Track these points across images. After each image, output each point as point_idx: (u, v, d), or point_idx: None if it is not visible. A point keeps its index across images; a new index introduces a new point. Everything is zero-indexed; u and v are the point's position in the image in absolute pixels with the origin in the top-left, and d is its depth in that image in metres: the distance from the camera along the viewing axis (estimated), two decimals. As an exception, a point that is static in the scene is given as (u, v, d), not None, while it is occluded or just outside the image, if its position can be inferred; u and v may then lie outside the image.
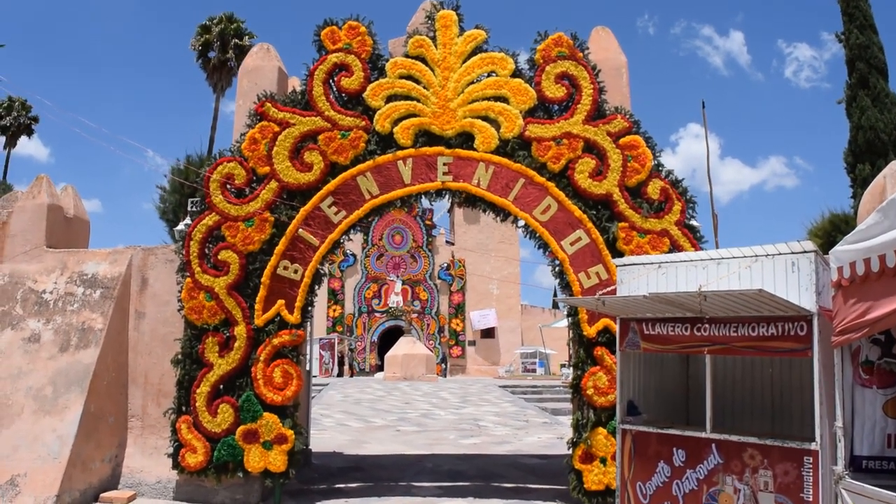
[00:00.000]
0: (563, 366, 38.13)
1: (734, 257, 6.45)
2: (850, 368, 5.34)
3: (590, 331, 8.24)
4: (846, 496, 4.97)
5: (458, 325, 39.93)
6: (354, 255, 39.44)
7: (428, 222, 40.69)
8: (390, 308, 39.27)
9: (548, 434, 14.82)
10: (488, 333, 40.37)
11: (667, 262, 6.88)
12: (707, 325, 6.37)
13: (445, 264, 40.38)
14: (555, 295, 70.12)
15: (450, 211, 43.24)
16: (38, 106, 38.16)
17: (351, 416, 18.05)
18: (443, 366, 38.03)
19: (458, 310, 40.02)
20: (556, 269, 8.58)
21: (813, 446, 5.69)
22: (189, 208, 9.34)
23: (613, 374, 8.06)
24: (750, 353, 6.38)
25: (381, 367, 36.10)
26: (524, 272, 43.35)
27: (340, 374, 35.86)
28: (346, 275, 39.45)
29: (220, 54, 36.55)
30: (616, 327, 7.49)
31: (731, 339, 6.25)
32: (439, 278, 40.24)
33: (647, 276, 6.96)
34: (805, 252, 6.03)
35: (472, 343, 40.23)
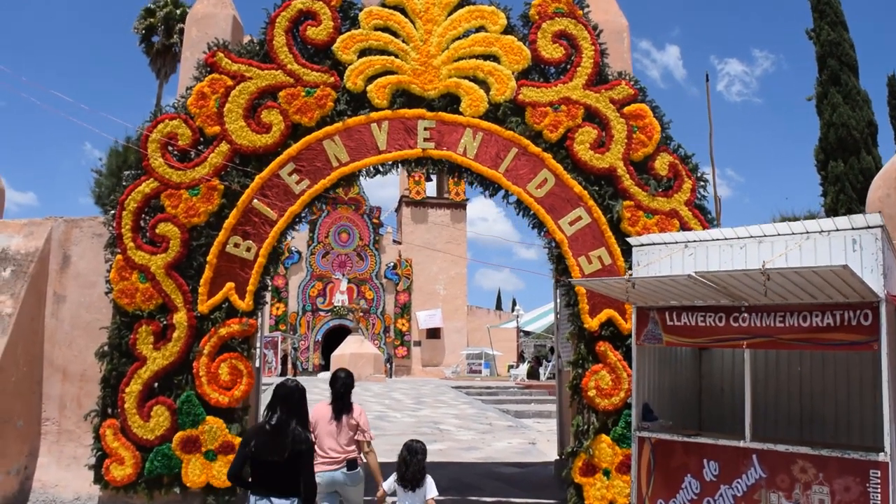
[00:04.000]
0: (510, 367, 37.46)
1: (780, 234, 5.48)
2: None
3: (591, 323, 7.21)
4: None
5: (403, 325, 39.06)
6: (299, 253, 38.14)
7: (375, 221, 39.63)
8: (335, 307, 37.99)
9: (517, 439, 13.79)
10: (434, 334, 39.67)
11: (696, 240, 5.89)
12: (747, 315, 5.41)
13: (392, 263, 39.41)
14: (498, 297, 69.57)
15: (397, 210, 42.27)
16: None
17: (298, 419, 16.64)
18: (388, 366, 36.89)
19: (404, 310, 39.14)
20: (554, 251, 7.55)
21: (881, 457, 4.80)
22: (123, 181, 7.87)
23: (618, 373, 7.06)
24: (800, 346, 5.45)
25: (324, 367, 34.79)
26: (470, 273, 42.57)
27: (284, 374, 34.35)
28: (290, 272, 38.05)
29: (165, 39, 34.57)
30: (629, 318, 6.52)
31: (777, 330, 5.29)
32: (385, 277, 39.26)
33: (671, 258, 5.94)
34: (869, 228, 5.08)
35: (418, 343, 39.40)
